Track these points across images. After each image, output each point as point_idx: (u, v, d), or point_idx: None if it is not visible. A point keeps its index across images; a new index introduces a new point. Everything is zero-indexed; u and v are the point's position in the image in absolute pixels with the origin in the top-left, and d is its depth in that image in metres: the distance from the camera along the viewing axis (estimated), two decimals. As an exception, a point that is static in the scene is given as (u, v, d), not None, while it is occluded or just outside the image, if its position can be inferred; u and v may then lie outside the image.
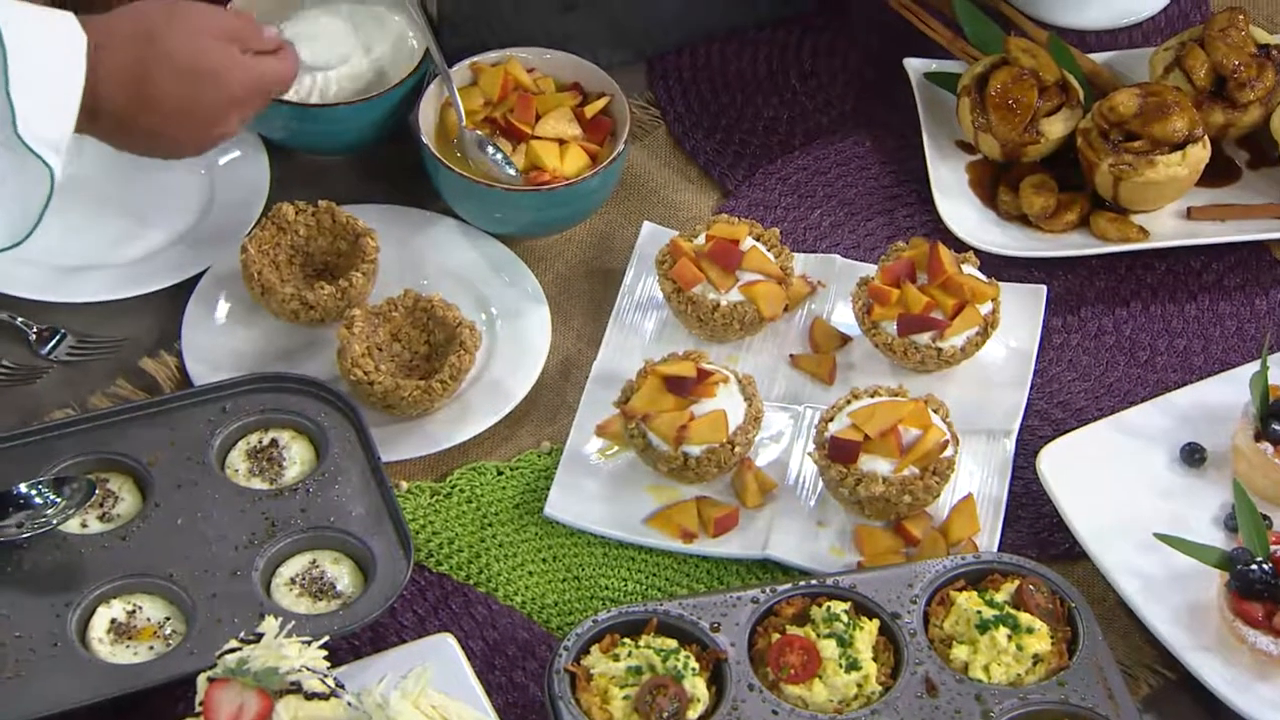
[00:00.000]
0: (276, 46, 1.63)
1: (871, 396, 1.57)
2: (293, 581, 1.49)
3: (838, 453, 1.54)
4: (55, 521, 1.48)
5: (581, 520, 1.57)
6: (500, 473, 1.61)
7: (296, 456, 1.57)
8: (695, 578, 1.55)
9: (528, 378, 1.65)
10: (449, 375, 1.60)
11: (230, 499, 1.52)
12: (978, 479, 1.59)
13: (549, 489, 1.58)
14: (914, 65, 1.86)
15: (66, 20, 1.44)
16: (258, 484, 1.55)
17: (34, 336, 1.66)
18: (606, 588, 1.54)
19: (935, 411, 1.56)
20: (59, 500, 1.49)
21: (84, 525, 1.51)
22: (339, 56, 1.78)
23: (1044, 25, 1.91)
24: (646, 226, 1.77)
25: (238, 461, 1.56)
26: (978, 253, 1.70)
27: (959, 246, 1.71)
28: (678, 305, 1.67)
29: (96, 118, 1.47)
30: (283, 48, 1.63)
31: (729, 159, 1.84)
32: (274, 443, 1.58)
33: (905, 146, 1.84)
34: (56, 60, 1.42)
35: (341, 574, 1.50)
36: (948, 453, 1.54)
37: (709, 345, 1.67)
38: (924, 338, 1.63)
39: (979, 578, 1.48)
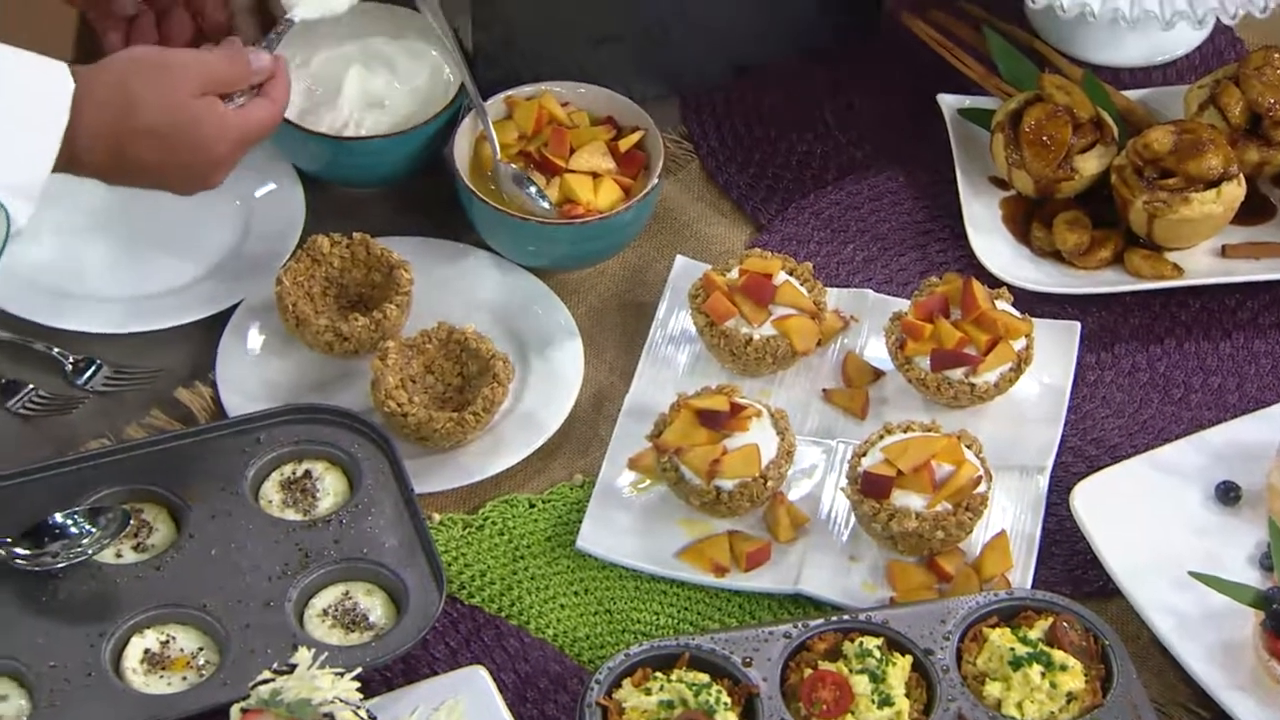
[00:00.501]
0: (266, 76, 1.59)
1: (904, 432, 1.58)
2: (325, 613, 1.50)
3: (870, 488, 1.54)
4: (91, 551, 1.49)
5: (613, 553, 1.57)
6: (532, 505, 1.61)
7: (330, 488, 1.58)
8: (727, 612, 1.55)
9: (560, 410, 1.66)
10: (482, 407, 1.61)
11: (264, 530, 1.53)
12: (1011, 515, 1.59)
13: (581, 522, 1.59)
14: (948, 101, 1.87)
15: (56, 68, 1.43)
16: (291, 515, 1.56)
17: (70, 367, 1.67)
18: (638, 621, 1.55)
19: (968, 447, 1.56)
20: (94, 530, 1.50)
21: (118, 555, 1.52)
22: (370, 95, 1.79)
23: (1078, 62, 1.91)
24: (679, 260, 1.77)
25: (271, 492, 1.57)
26: (1011, 289, 1.70)
27: (992, 282, 1.71)
28: (710, 339, 1.67)
29: (76, 168, 1.45)
30: (273, 76, 1.59)
31: (762, 193, 1.85)
32: (308, 474, 1.58)
33: (938, 182, 1.85)
34: (37, 106, 1.40)
35: (374, 605, 1.50)
36: (981, 488, 1.54)
37: (741, 379, 1.68)
38: (957, 373, 1.63)
39: (1012, 614, 1.48)
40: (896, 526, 1.53)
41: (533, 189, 1.74)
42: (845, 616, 1.48)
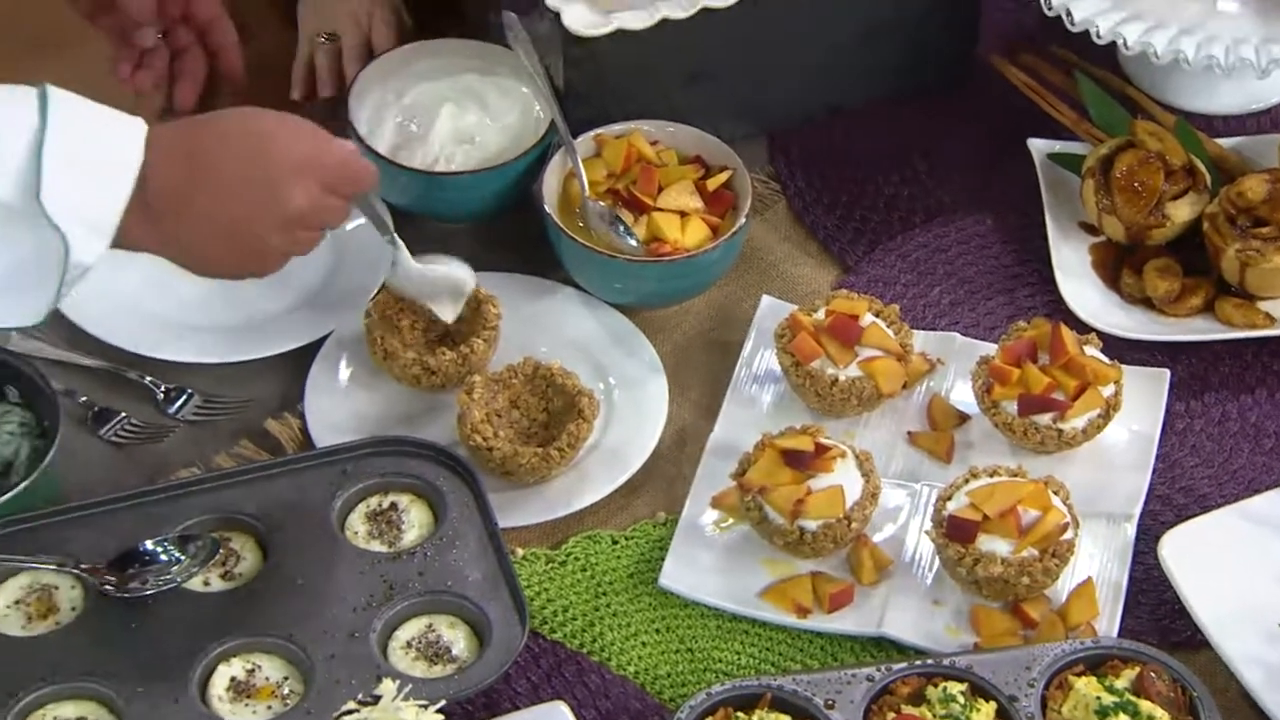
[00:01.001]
0: (351, 150, 1.55)
1: (990, 476, 1.57)
2: (409, 645, 1.51)
3: (956, 532, 1.53)
4: (180, 579, 1.50)
5: (696, 592, 1.57)
6: (615, 542, 1.62)
7: (415, 520, 1.59)
8: (809, 653, 1.55)
9: (644, 447, 1.66)
10: (567, 443, 1.62)
11: (349, 561, 1.54)
12: (1098, 563, 1.58)
13: (664, 559, 1.59)
14: (1038, 146, 1.87)
15: (132, 120, 1.44)
16: (376, 547, 1.57)
17: (162, 396, 1.70)
18: (720, 660, 1.55)
19: (1055, 493, 1.56)
20: (183, 558, 1.52)
21: (206, 583, 1.53)
22: (461, 131, 1.81)
23: (1170, 109, 1.91)
24: (765, 300, 1.78)
25: (357, 524, 1.58)
26: (1100, 334, 1.69)
27: (1081, 328, 1.70)
28: (796, 379, 1.67)
29: (150, 207, 1.42)
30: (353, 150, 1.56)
31: (849, 235, 1.85)
32: (393, 506, 1.60)
33: (1027, 226, 1.84)
34: (111, 143, 1.41)
35: (457, 638, 1.51)
36: (1068, 535, 1.53)
37: (826, 420, 1.68)
38: (1045, 418, 1.62)
39: (1098, 663, 1.47)
40: (981, 571, 1.52)
41: (620, 227, 1.75)
42: (929, 661, 1.47)
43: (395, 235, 1.64)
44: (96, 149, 1.40)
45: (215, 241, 1.47)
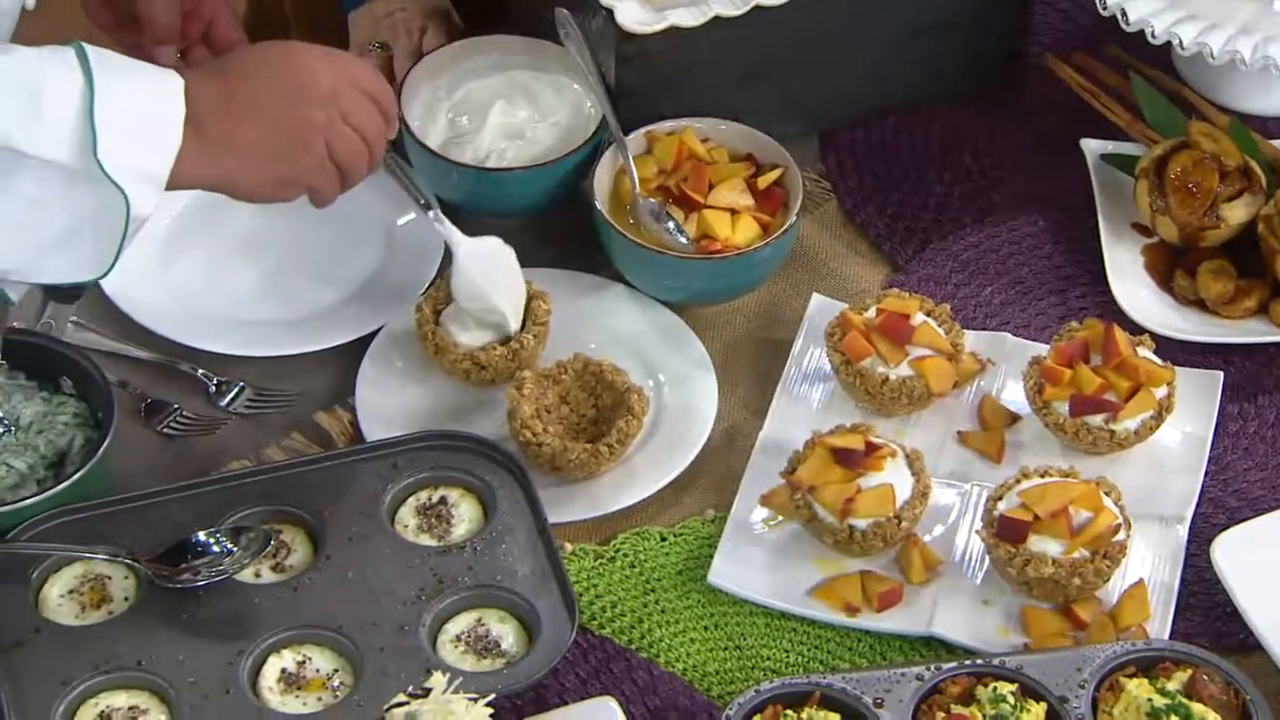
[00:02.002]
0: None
1: (1042, 477, 1.57)
2: (458, 639, 1.51)
3: (1007, 532, 1.53)
4: (231, 570, 1.51)
5: (745, 589, 1.57)
6: (664, 539, 1.62)
7: (465, 515, 1.59)
8: (858, 652, 1.55)
9: (694, 444, 1.66)
10: (616, 439, 1.62)
11: (400, 554, 1.55)
12: (1149, 564, 1.57)
13: (712, 557, 1.59)
14: (1091, 146, 1.86)
15: (167, 70, 1.47)
16: (426, 540, 1.57)
17: (214, 388, 1.71)
18: (768, 658, 1.55)
19: (1107, 494, 1.55)
20: (235, 549, 1.52)
21: (257, 575, 1.54)
22: (512, 127, 1.81)
23: (1225, 110, 1.90)
24: (815, 298, 1.78)
25: (407, 517, 1.59)
26: (1153, 336, 1.68)
27: (1134, 329, 1.70)
28: (846, 377, 1.67)
29: (197, 128, 1.46)
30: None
31: (900, 234, 1.85)
32: (443, 500, 1.60)
33: (1079, 227, 1.83)
34: (155, 94, 1.44)
35: (506, 633, 1.52)
36: (1119, 536, 1.53)
37: (876, 419, 1.68)
38: (1097, 419, 1.62)
39: (1150, 665, 1.46)
40: (1032, 572, 1.52)
41: (671, 224, 1.75)
42: (979, 661, 1.47)
43: (434, 205, 1.65)
44: (142, 103, 1.43)
45: (258, 140, 1.48)
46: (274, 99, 1.49)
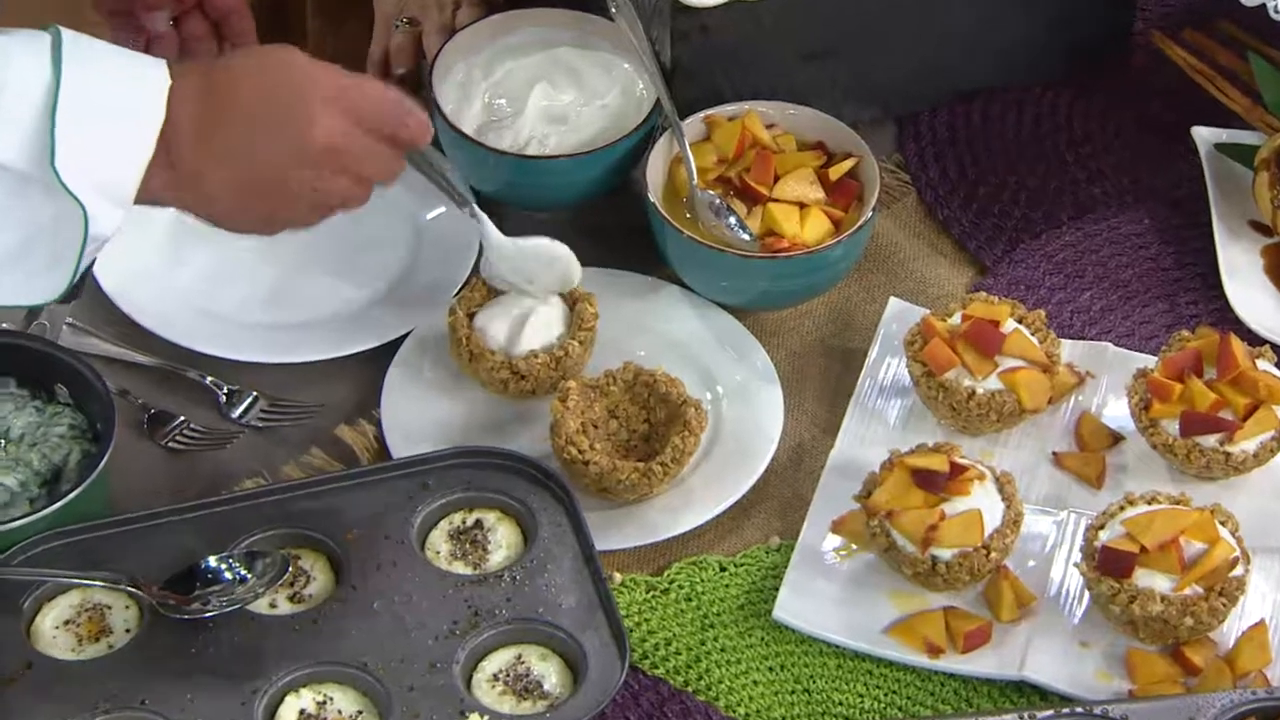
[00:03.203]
0: (411, 129, 1.52)
1: (1149, 504, 1.56)
2: (496, 677, 1.52)
3: (1109, 565, 1.53)
4: (245, 600, 1.52)
5: (814, 626, 1.57)
6: (724, 569, 1.62)
7: (503, 540, 1.60)
8: (940, 697, 1.55)
9: (757, 464, 1.67)
10: (671, 458, 1.62)
11: (431, 584, 1.56)
12: (1271, 603, 1.57)
13: (778, 589, 1.59)
14: (1203, 135, 1.86)
15: (154, 64, 1.44)
16: (460, 568, 1.58)
17: (224, 398, 1.72)
18: (840, 703, 1.55)
19: (1223, 524, 1.55)
20: (250, 576, 1.53)
21: (273, 605, 1.55)
22: (556, 111, 1.82)
23: (1355, 93, 1.90)
24: (893, 303, 1.78)
25: (439, 543, 1.60)
26: (1275, 347, 1.68)
27: (1252, 339, 1.69)
28: (928, 391, 1.67)
29: (167, 153, 1.42)
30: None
31: (987, 231, 1.85)
32: (478, 524, 1.61)
33: (1190, 225, 1.83)
34: (131, 99, 1.41)
35: (549, 672, 1.52)
36: (1237, 571, 1.52)
37: (961, 437, 1.68)
38: (1211, 440, 1.61)
39: (1271, 716, 1.46)
40: (1138, 610, 1.51)
41: (732, 219, 1.76)
42: (1078, 709, 1.46)
43: (476, 207, 1.65)
44: (115, 104, 1.40)
45: (236, 183, 1.45)
46: (258, 141, 1.44)
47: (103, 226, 1.40)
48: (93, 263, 1.46)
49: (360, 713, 1.50)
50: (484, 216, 1.68)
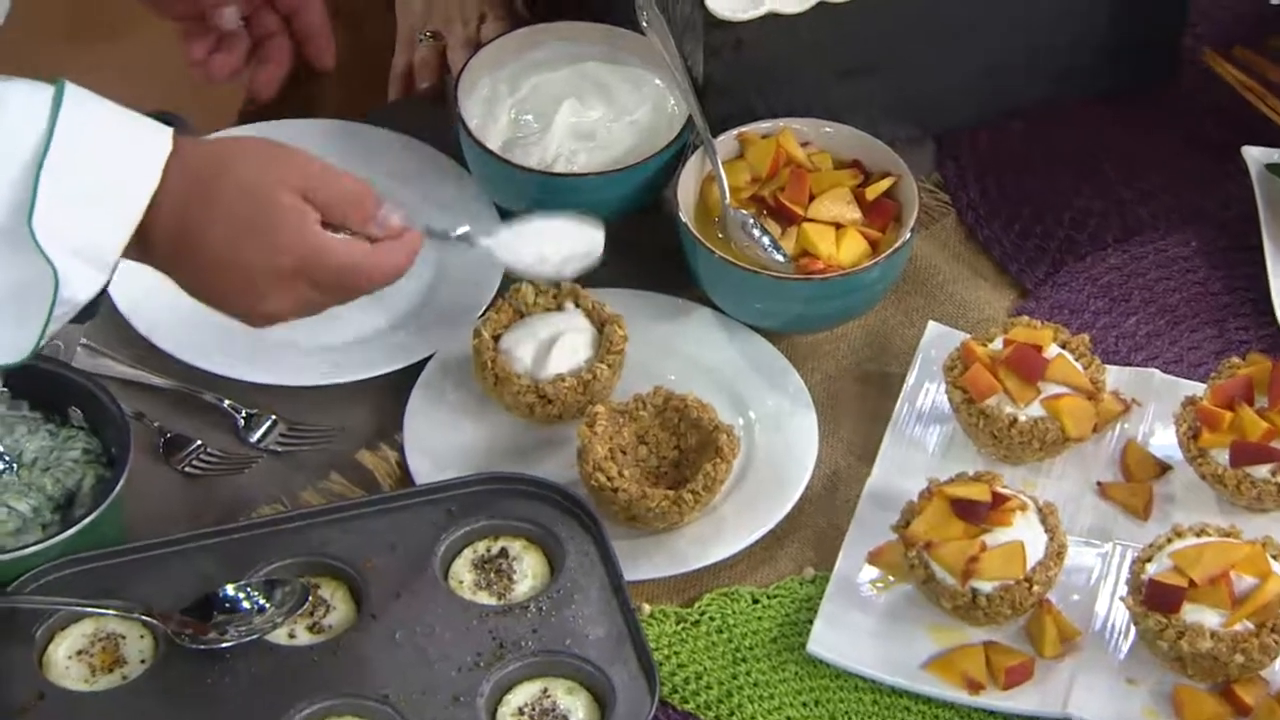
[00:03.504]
0: (390, 234, 1.51)
1: (1198, 536, 1.56)
2: (521, 711, 1.51)
3: (1157, 599, 1.52)
4: (263, 630, 1.52)
5: (850, 660, 1.57)
6: (756, 600, 1.62)
7: (528, 569, 1.60)
8: (981, 736, 1.55)
9: (791, 493, 1.66)
10: (702, 486, 1.62)
11: (454, 614, 1.55)
12: (1324, 640, 1.56)
13: (812, 622, 1.58)
14: (1254, 154, 1.85)
15: (159, 133, 1.42)
16: (485, 598, 1.58)
17: (242, 422, 1.72)
18: (877, 741, 1.55)
19: (1275, 558, 1.54)
20: (268, 606, 1.53)
21: (291, 635, 1.54)
22: (584, 128, 1.82)
23: None
24: (932, 326, 1.77)
25: (463, 572, 1.59)
26: (1329, 375, 1.68)
27: (1305, 367, 1.69)
28: (968, 418, 1.67)
29: (147, 243, 1.42)
30: (399, 237, 1.52)
31: (1029, 253, 1.84)
32: (504, 552, 1.60)
33: (1240, 247, 1.83)
34: (126, 168, 1.40)
35: (576, 706, 1.52)
36: (1289, 606, 1.52)
37: (1002, 466, 1.67)
38: (1262, 470, 1.61)
39: (1325, 756, 1.45)
40: (1187, 646, 1.50)
41: (766, 239, 1.75)
42: (1124, 748, 1.46)
43: (456, 232, 1.60)
44: (106, 168, 1.38)
45: (201, 293, 1.49)
46: (235, 249, 1.44)
47: (76, 290, 1.39)
48: (97, 310, 1.44)
49: (381, 747, 1.50)
50: (474, 236, 1.62)
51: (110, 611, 1.54)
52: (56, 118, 1.37)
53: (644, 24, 1.82)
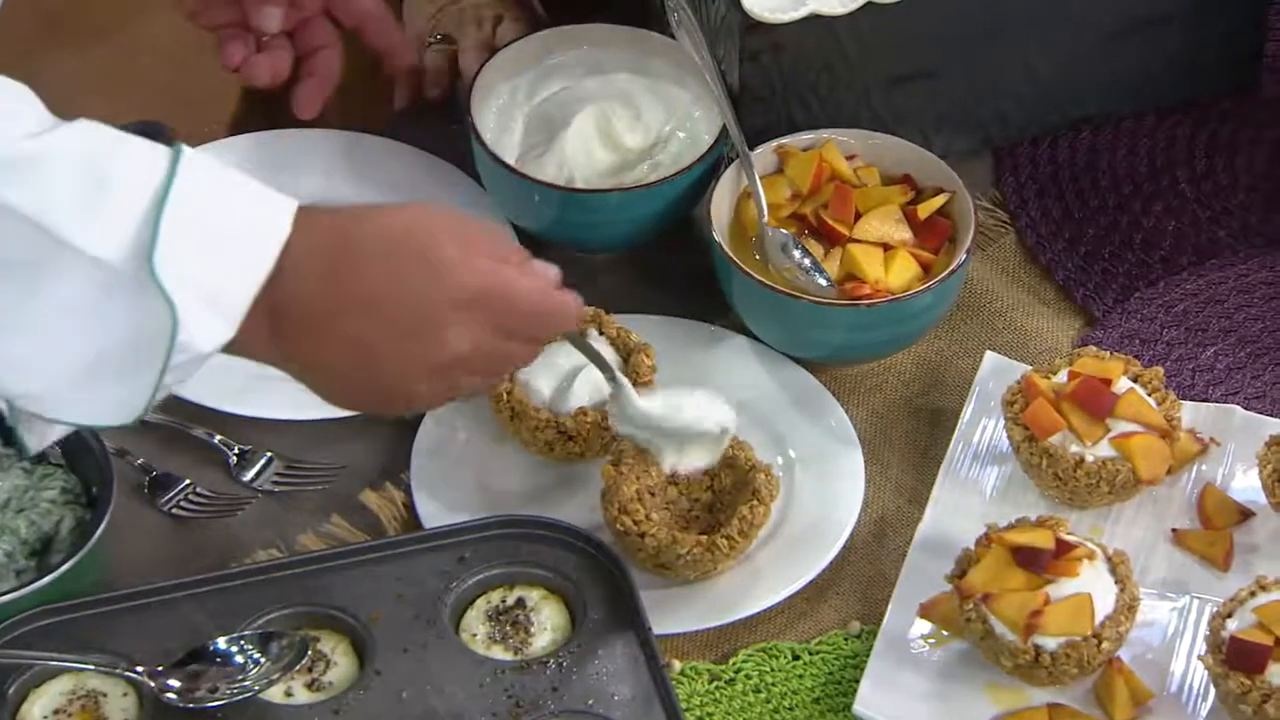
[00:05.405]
0: (548, 280, 1.49)
1: (1284, 589, 1.56)
2: (540, 778, 1.52)
3: (1239, 659, 1.52)
4: (258, 687, 1.52)
5: (900, 724, 1.57)
6: (797, 657, 1.62)
7: (547, 622, 1.60)
8: (1044, 807, 1.55)
9: (834, 539, 1.66)
10: (738, 531, 1.62)
11: (466, 670, 1.55)
12: None
13: (858, 681, 1.58)
14: (1342, 170, 1.86)
15: (281, 197, 1.41)
16: (499, 653, 1.58)
17: (235, 460, 1.72)
18: (930, 812, 1.55)
19: (1369, 613, 1.54)
20: (263, 660, 1.53)
21: (289, 694, 1.55)
22: (609, 141, 1.83)
23: None
24: (989, 357, 1.77)
25: (476, 624, 1.60)
26: None
27: (1399, 403, 1.69)
28: (1030, 458, 1.67)
29: (276, 311, 1.39)
30: (559, 288, 1.50)
31: (1096, 278, 1.85)
32: (520, 603, 1.61)
33: (1328, 272, 1.84)
34: (251, 211, 1.39)
35: (599, 772, 1.52)
36: (1384, 667, 1.51)
37: (1068, 511, 1.67)
38: (1354, 517, 1.61)
39: None
40: (1273, 711, 1.50)
41: (807, 261, 1.76)
42: (1203, 822, 1.46)
43: (618, 374, 1.62)
44: (231, 214, 1.38)
45: (350, 373, 1.44)
46: (383, 343, 1.41)
47: (198, 336, 1.36)
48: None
49: (387, 816, 1.50)
50: (624, 382, 1.62)
51: (90, 666, 1.53)
52: (176, 167, 1.36)
53: (674, 26, 1.83)
